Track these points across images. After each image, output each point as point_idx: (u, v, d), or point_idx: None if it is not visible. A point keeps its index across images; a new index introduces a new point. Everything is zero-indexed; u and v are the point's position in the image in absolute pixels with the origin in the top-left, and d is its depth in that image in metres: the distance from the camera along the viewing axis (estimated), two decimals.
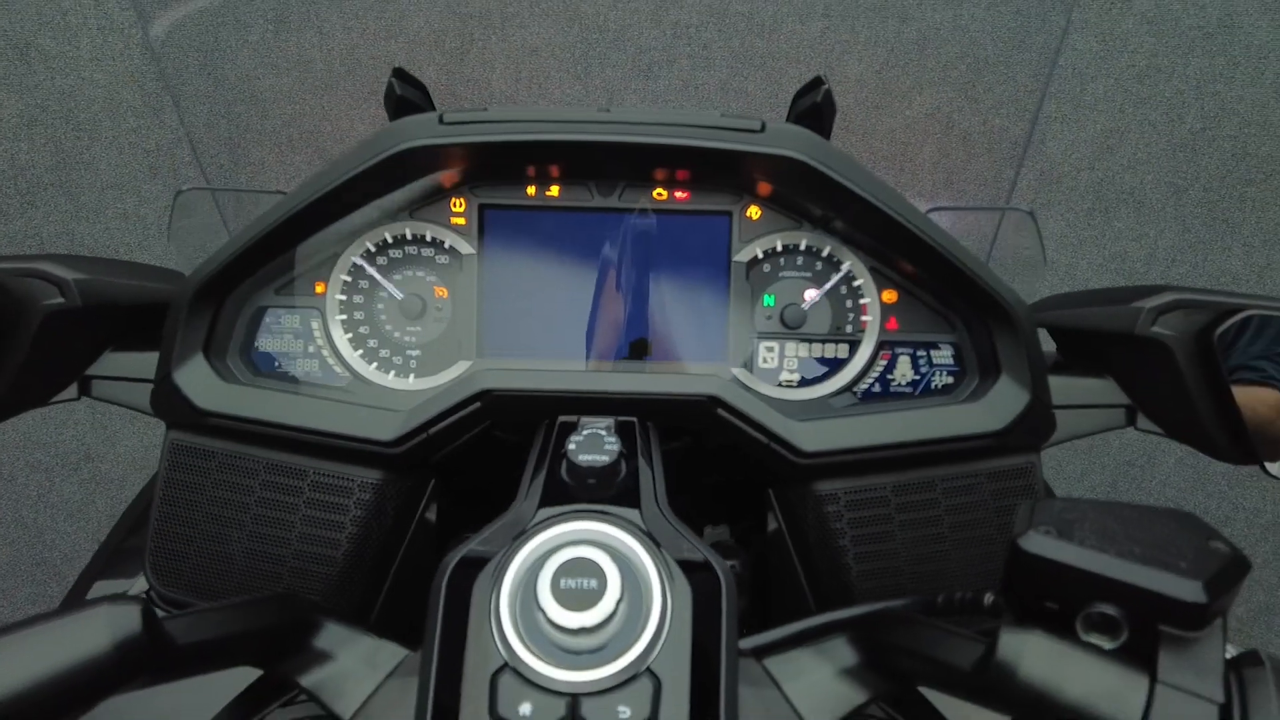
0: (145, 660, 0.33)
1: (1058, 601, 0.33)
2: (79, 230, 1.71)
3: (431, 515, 0.58)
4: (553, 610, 0.34)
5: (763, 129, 0.50)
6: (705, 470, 0.67)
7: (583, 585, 0.35)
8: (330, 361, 0.56)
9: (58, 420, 1.80)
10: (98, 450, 1.85)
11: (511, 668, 0.34)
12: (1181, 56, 1.65)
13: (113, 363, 0.60)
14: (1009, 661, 0.32)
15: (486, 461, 0.61)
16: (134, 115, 1.67)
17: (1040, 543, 0.33)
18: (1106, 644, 0.32)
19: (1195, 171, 1.72)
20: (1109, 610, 0.32)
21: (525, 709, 0.33)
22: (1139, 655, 0.31)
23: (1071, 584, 0.32)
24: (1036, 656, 0.31)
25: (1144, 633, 0.31)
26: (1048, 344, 0.70)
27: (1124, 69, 1.72)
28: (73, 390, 0.60)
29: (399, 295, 0.57)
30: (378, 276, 0.57)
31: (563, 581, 0.35)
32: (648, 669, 0.34)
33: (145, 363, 0.58)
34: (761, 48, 1.84)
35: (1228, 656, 0.31)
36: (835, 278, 0.57)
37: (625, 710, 0.33)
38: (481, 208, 0.56)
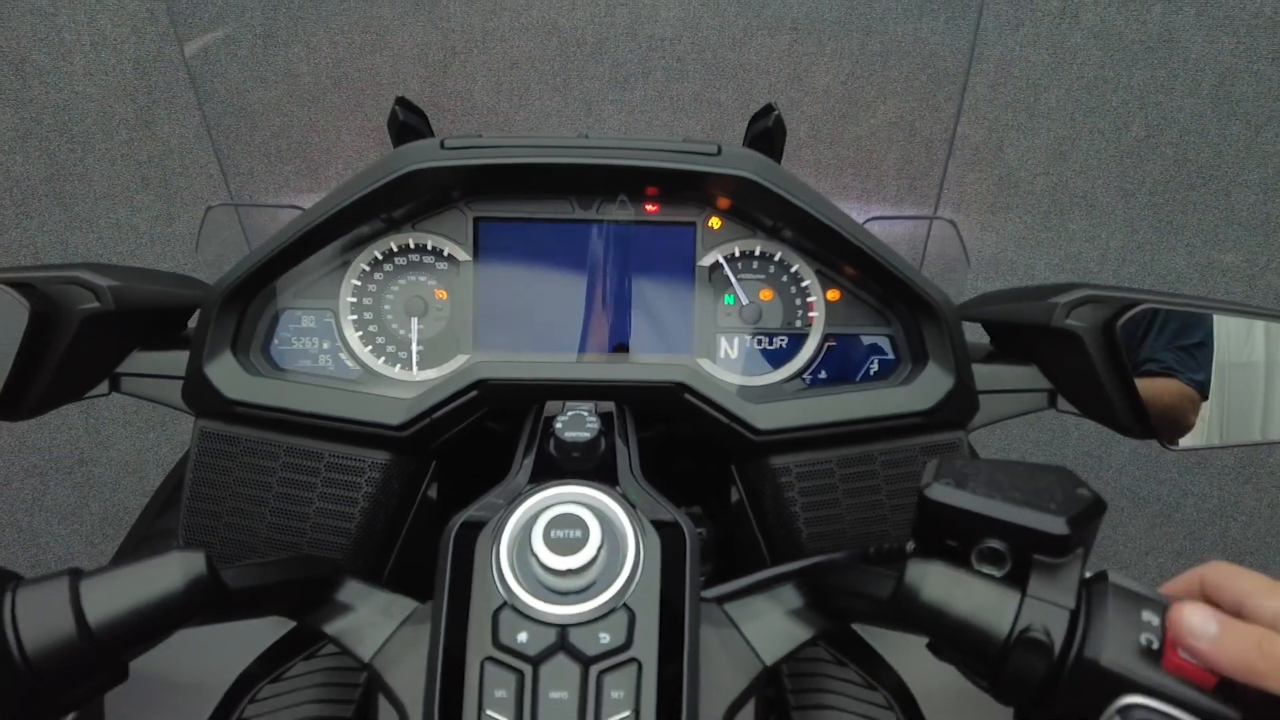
0: (207, 599, 0.40)
1: (956, 539, 0.40)
2: (73, 240, 1.75)
3: (433, 494, 0.65)
4: (544, 555, 0.41)
5: (719, 152, 0.58)
6: (677, 457, 0.74)
7: (569, 535, 0.42)
8: (342, 356, 0.63)
9: (52, 425, 1.84)
10: (91, 454, 1.89)
11: (510, 605, 0.41)
12: (1126, 69, 1.75)
13: (140, 361, 0.66)
14: (913, 586, 0.39)
15: (481, 450, 0.69)
16: (126, 128, 1.71)
17: (942, 492, 0.40)
18: (995, 572, 0.39)
19: (1141, 177, 1.82)
20: (996, 545, 0.39)
21: (522, 637, 0.40)
22: (1018, 579, 0.39)
23: (966, 524, 0.39)
24: (934, 582, 0.39)
25: (1022, 561, 0.39)
26: (983, 336, 0.78)
27: (1074, 80, 1.82)
28: (104, 386, 0.66)
29: (403, 297, 0.64)
30: (384, 281, 0.64)
31: (552, 533, 0.42)
32: (624, 604, 0.41)
33: (169, 361, 0.65)
34: (733, 60, 1.92)
35: (1086, 578, 0.39)
36: (787, 278, 0.65)
37: (605, 637, 0.40)
38: (476, 220, 0.63)
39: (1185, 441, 0.68)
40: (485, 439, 0.70)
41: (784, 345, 0.64)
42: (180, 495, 0.63)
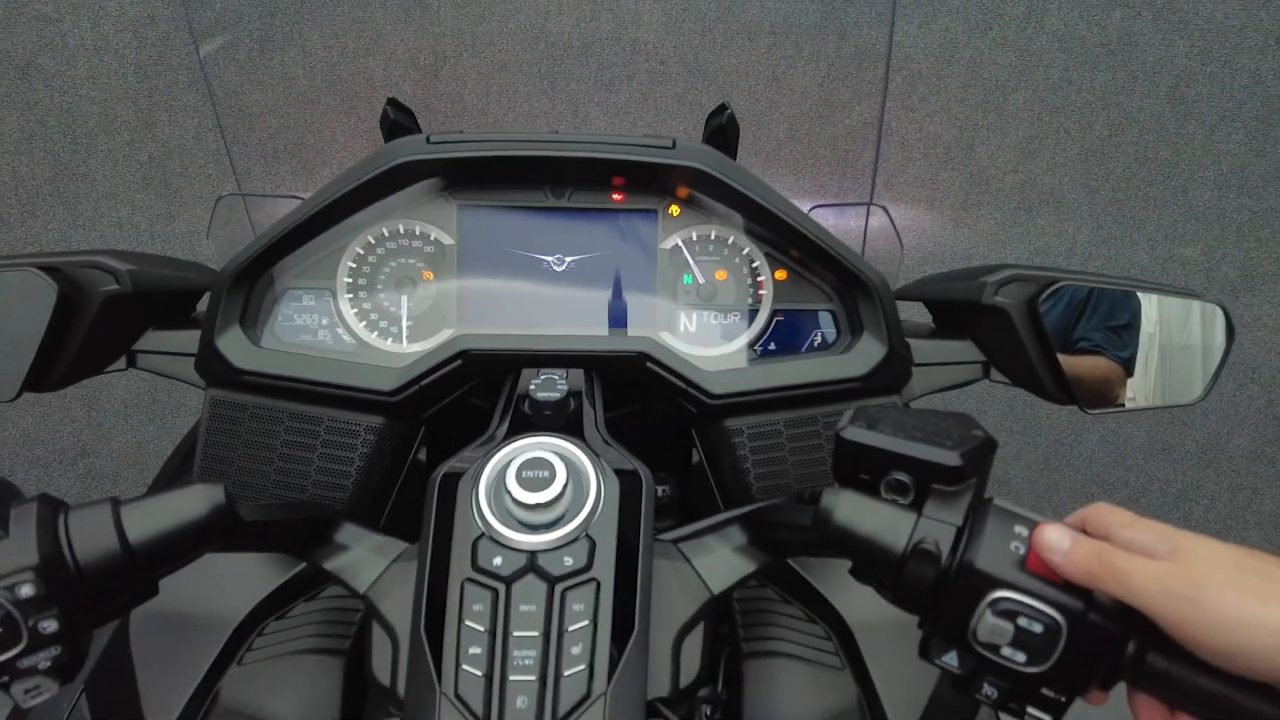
0: (226, 527, 0.46)
1: (868, 473, 0.47)
2: (76, 238, 1.80)
3: (422, 456, 0.72)
4: (517, 492, 0.47)
5: (674, 146, 0.65)
6: (647, 431, 0.81)
7: (538, 475, 0.48)
8: (339, 331, 0.70)
9: (55, 418, 1.90)
10: (93, 446, 1.95)
11: (487, 535, 0.48)
12: (1088, 70, 1.83)
13: (154, 339, 0.72)
14: (827, 511, 0.45)
15: (468, 423, 0.75)
16: (128, 130, 1.77)
17: (854, 433, 0.46)
18: (902, 500, 0.46)
19: (1105, 174, 1.89)
20: (901, 477, 0.45)
21: (497, 561, 0.47)
22: (918, 505, 0.45)
23: (875, 460, 0.45)
24: (844, 507, 0.45)
25: (923, 490, 0.45)
26: (928, 317, 0.85)
27: (1040, 81, 1.89)
28: (122, 362, 0.72)
29: (394, 278, 0.70)
30: (377, 263, 0.71)
31: (524, 474, 0.48)
32: (586, 534, 0.48)
33: (181, 339, 0.71)
34: (714, 63, 1.99)
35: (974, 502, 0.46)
36: (739, 260, 0.72)
37: (569, 560, 0.47)
38: (459, 207, 0.70)
39: (1105, 407, 0.76)
40: (472, 414, 0.76)
41: (737, 320, 0.71)
42: (190, 464, 0.69)
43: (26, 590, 0.39)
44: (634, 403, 0.80)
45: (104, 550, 0.42)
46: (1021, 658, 0.40)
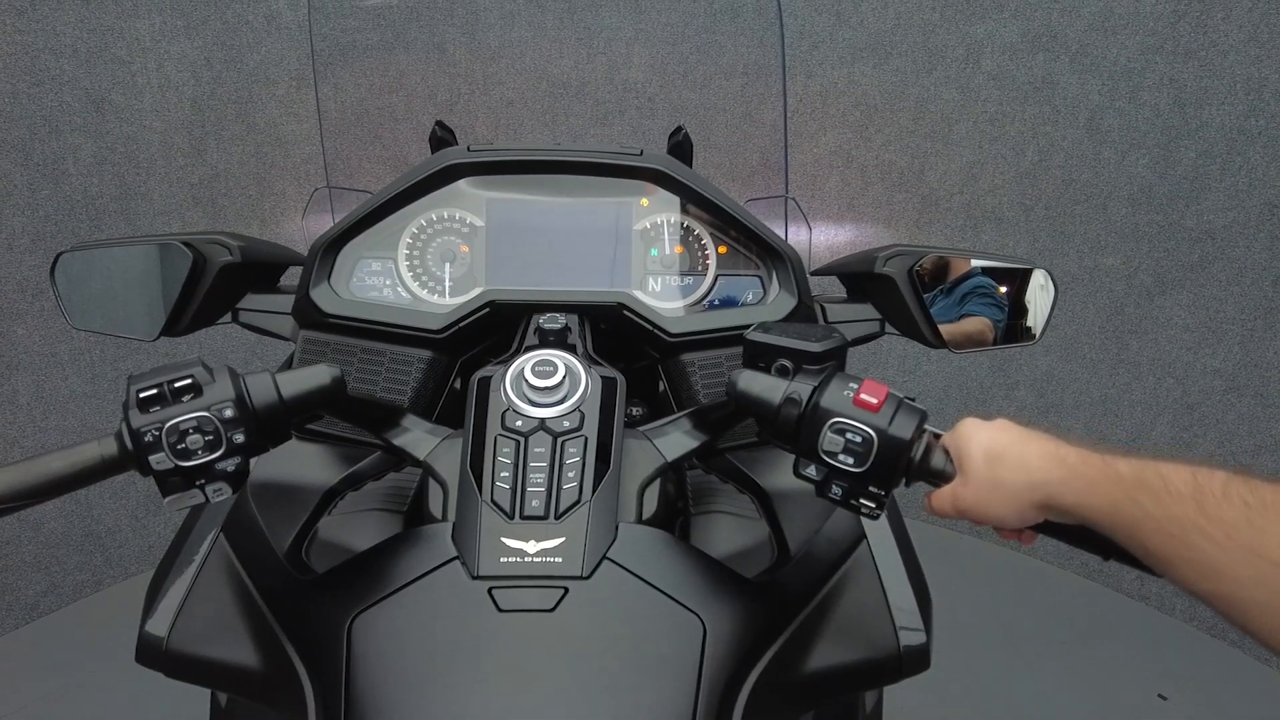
0: (339, 395, 0.70)
1: (764, 361, 0.71)
2: None
3: (458, 385, 0.95)
4: (532, 380, 0.71)
5: (641, 154, 0.90)
6: (636, 376, 1.04)
7: (546, 370, 0.72)
8: (399, 289, 0.93)
9: (93, 426, 2.12)
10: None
11: (512, 409, 0.71)
12: (1019, 105, 2.10)
13: (252, 301, 0.95)
14: (734, 381, 0.68)
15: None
16: (182, 156, 2.03)
17: (755, 335, 0.70)
18: (784, 377, 0.70)
19: (1037, 194, 2.15)
20: (784, 362, 0.69)
21: (519, 424, 0.70)
22: (793, 378, 0.69)
23: (768, 352, 0.69)
24: (744, 378, 0.68)
25: (798, 370, 0.69)
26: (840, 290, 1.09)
27: (979, 114, 2.16)
28: (227, 317, 0.96)
29: (440, 250, 0.94)
30: (427, 239, 0.95)
31: (536, 369, 0.72)
32: (579, 409, 0.71)
33: (272, 301, 0.94)
34: (695, 100, 2.26)
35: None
36: (691, 238, 0.96)
37: (566, 423, 0.70)
38: (489, 199, 0.94)
39: (973, 348, 1.00)
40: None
41: (690, 282, 0.95)
42: None
43: (229, 412, 0.62)
44: (619, 362, 1.04)
45: (268, 398, 0.65)
46: (851, 460, 0.61)
